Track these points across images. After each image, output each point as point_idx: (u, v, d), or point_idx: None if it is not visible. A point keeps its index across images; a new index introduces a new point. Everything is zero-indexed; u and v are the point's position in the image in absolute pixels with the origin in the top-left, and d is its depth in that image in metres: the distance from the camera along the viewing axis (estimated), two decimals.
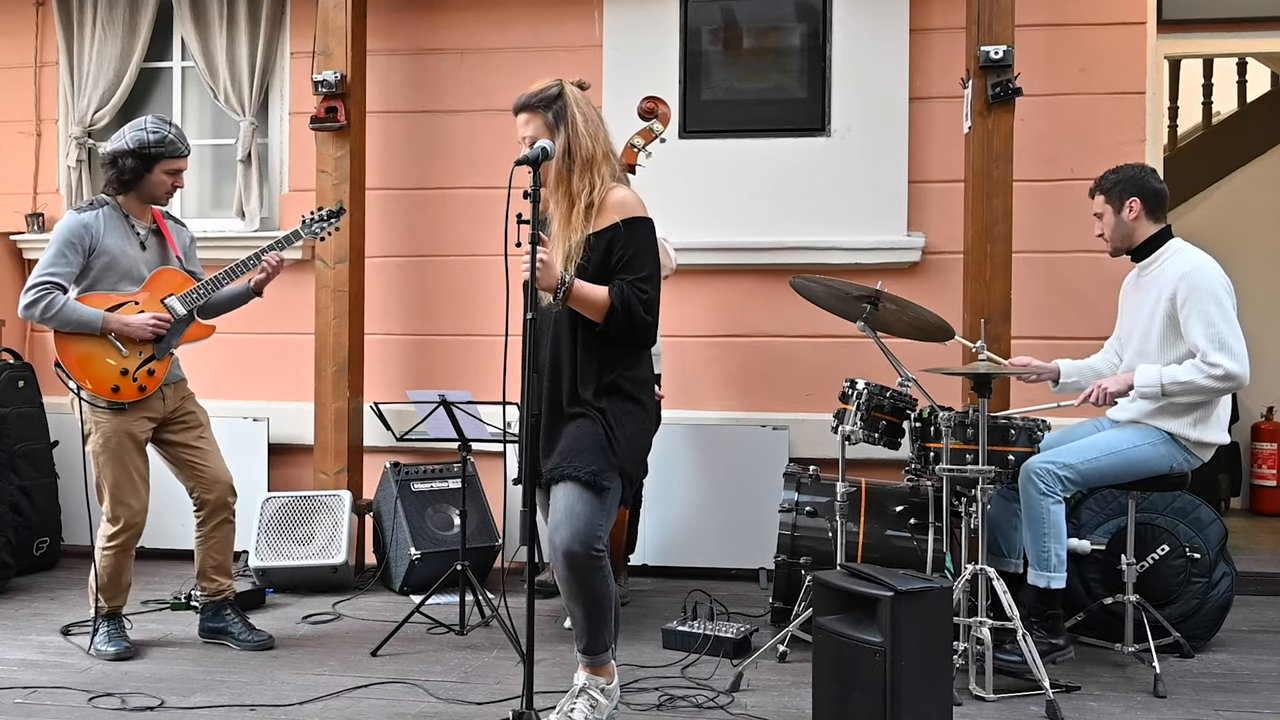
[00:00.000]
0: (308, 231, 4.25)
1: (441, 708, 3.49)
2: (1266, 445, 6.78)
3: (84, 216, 3.97)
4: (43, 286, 3.88)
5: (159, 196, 4.08)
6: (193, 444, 4.14)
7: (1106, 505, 4.29)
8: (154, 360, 4.01)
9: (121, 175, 4.00)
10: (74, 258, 3.93)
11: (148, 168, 3.99)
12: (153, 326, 3.96)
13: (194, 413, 4.18)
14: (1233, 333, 3.74)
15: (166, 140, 3.99)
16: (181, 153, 4.04)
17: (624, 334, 3.01)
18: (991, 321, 4.57)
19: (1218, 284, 3.79)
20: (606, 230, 3.03)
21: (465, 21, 5.66)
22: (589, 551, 2.92)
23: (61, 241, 3.93)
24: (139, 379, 3.97)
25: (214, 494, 4.14)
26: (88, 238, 3.95)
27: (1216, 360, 3.70)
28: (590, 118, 3.08)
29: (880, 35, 5.36)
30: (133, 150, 3.96)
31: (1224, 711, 3.50)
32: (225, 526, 4.20)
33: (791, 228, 5.39)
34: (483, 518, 5.10)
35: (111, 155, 4.00)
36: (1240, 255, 6.84)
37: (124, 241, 4.01)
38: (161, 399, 4.07)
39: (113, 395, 3.94)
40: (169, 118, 4.21)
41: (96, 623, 4.06)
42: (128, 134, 3.99)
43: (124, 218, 4.04)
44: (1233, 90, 7.45)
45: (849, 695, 3.04)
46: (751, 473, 5.20)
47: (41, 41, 6.01)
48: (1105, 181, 4.02)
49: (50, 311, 3.87)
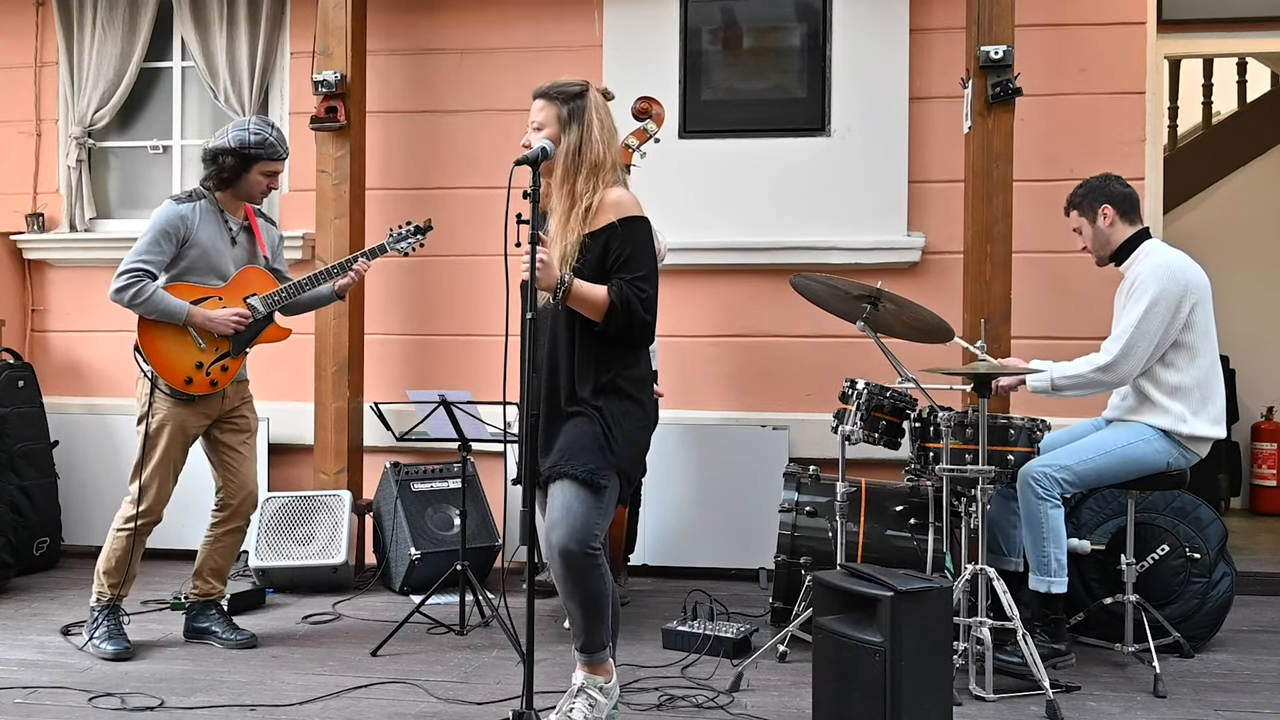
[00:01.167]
0: (393, 246, 4.31)
1: (441, 708, 3.49)
2: (1266, 445, 6.78)
3: (181, 208, 4.03)
4: (135, 273, 3.94)
5: (254, 195, 4.15)
6: (236, 448, 4.20)
7: (1106, 505, 4.30)
8: (229, 357, 4.07)
9: (220, 172, 4.06)
10: (167, 246, 3.99)
11: (246, 167, 4.05)
12: (234, 322, 4.03)
13: (247, 417, 4.24)
14: (1141, 335, 3.80)
15: (267, 143, 4.05)
16: (280, 155, 4.11)
17: (623, 333, 3.02)
18: (991, 321, 4.57)
19: (1164, 287, 3.81)
20: (603, 230, 3.04)
21: (465, 21, 5.66)
22: (585, 550, 2.92)
23: (158, 230, 3.99)
24: (212, 373, 4.04)
25: (238, 501, 4.20)
26: (183, 228, 4.00)
27: (1106, 349, 3.85)
28: (607, 126, 3.11)
29: (880, 35, 5.36)
30: (234, 149, 4.03)
31: (1224, 711, 3.50)
32: (236, 534, 4.25)
33: (791, 228, 5.39)
34: (483, 518, 5.11)
35: (213, 152, 4.07)
36: (1240, 255, 6.87)
37: (216, 236, 4.08)
38: (222, 396, 4.13)
39: (185, 386, 4.01)
40: (273, 121, 4.27)
41: (96, 615, 4.06)
42: (231, 132, 4.06)
43: (219, 212, 4.11)
44: (1233, 90, 7.44)
45: (849, 695, 3.04)
46: (751, 473, 5.20)
47: (41, 41, 6.01)
48: (1074, 197, 4.09)
49: (140, 298, 3.92)
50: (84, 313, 5.91)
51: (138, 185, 6.02)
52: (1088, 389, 3.91)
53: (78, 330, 5.94)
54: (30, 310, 5.99)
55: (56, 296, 6.01)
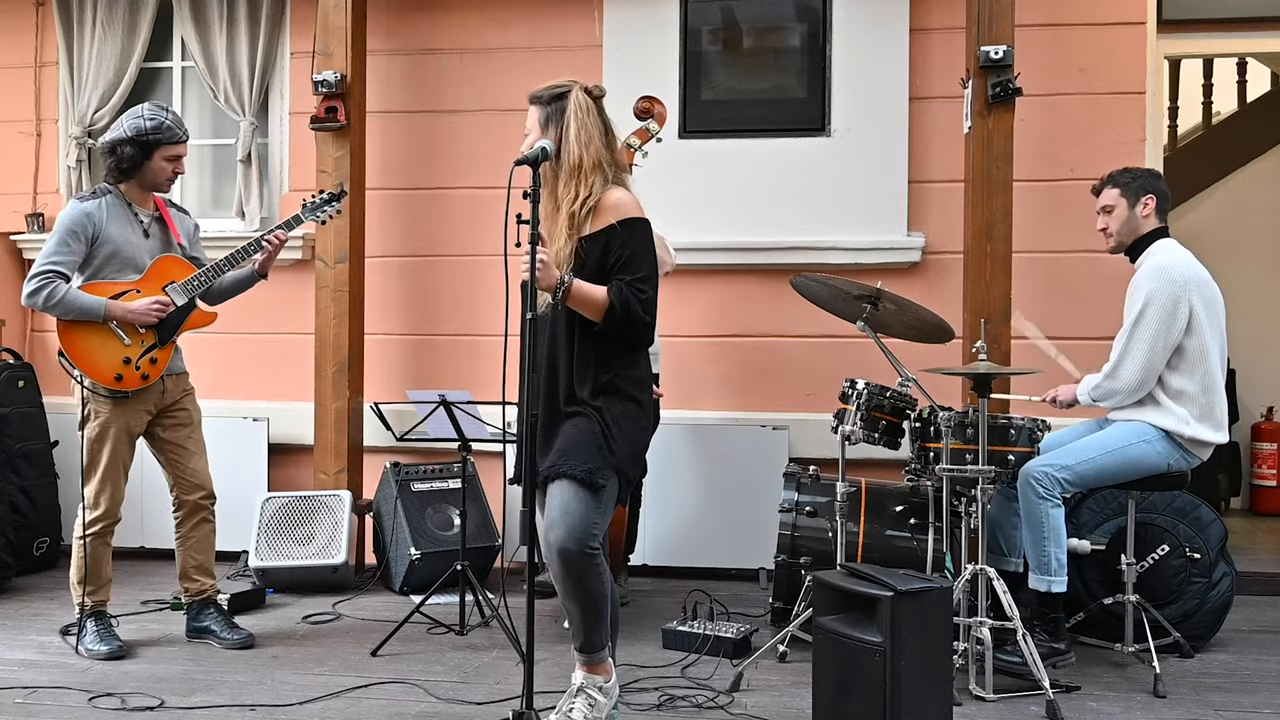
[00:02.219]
0: (309, 215, 4.23)
1: (441, 708, 3.49)
2: (1266, 445, 6.78)
3: (86, 205, 3.98)
4: (45, 275, 3.90)
5: (160, 183, 4.08)
6: (180, 443, 4.15)
7: (1106, 505, 4.29)
8: (156, 348, 4.02)
9: (120, 163, 4.00)
10: (76, 246, 3.94)
11: (147, 155, 3.99)
12: (155, 310, 3.97)
13: (188, 410, 4.18)
14: (1136, 338, 3.83)
15: (164, 126, 3.99)
16: (179, 138, 4.04)
17: (622, 334, 3.02)
18: (991, 321, 4.57)
19: (1157, 288, 3.82)
20: (603, 231, 3.03)
21: (465, 21, 5.66)
22: (584, 549, 2.92)
23: (64, 230, 3.94)
24: (141, 367, 3.98)
25: (194, 496, 4.16)
26: (90, 226, 3.96)
27: (1107, 371, 3.90)
28: (585, 125, 3.05)
29: (880, 35, 5.35)
30: (130, 138, 3.97)
31: (1224, 711, 3.50)
32: (204, 526, 4.20)
33: (791, 228, 5.39)
34: (482, 518, 5.11)
35: (110, 144, 4.02)
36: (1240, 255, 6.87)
37: (127, 229, 4.02)
38: (161, 390, 4.08)
39: (115, 384, 3.96)
40: (166, 104, 4.20)
41: (84, 622, 4.05)
42: (125, 122, 4.00)
43: (126, 206, 4.05)
44: (1233, 90, 7.44)
45: (849, 695, 3.04)
46: (751, 473, 5.20)
47: (41, 41, 6.01)
48: (1122, 177, 4.04)
49: (53, 300, 3.88)
50: None
51: None
52: (1111, 398, 3.91)
53: None
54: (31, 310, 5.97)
55: None
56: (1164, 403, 3.86)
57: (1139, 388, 3.85)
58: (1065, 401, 4.10)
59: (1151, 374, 3.83)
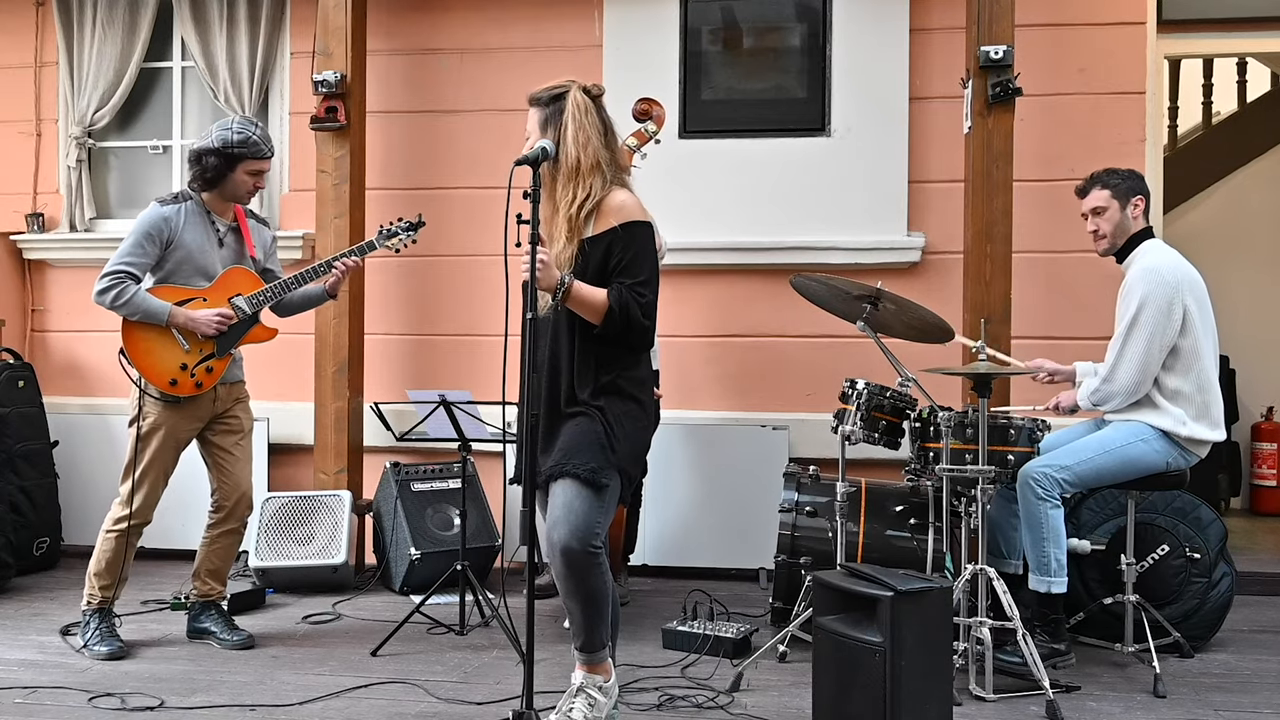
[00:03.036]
0: (382, 242, 4.27)
1: (441, 708, 3.49)
2: (1266, 445, 6.78)
3: (166, 210, 4.02)
4: (117, 275, 3.94)
5: (241, 196, 4.13)
6: (230, 449, 4.19)
7: (1106, 505, 4.29)
8: (214, 358, 4.05)
9: (204, 173, 4.05)
10: (151, 249, 3.98)
11: (230, 167, 4.03)
12: (216, 322, 4.00)
13: (240, 418, 4.22)
14: (1131, 340, 3.84)
15: (249, 141, 4.03)
16: (264, 154, 4.08)
17: (621, 336, 3.01)
18: (991, 321, 4.57)
19: (1150, 290, 3.83)
20: (605, 234, 3.03)
21: (465, 21, 5.67)
22: (586, 549, 2.92)
23: (141, 232, 3.98)
24: (196, 375, 4.02)
25: (232, 503, 4.19)
26: (167, 230, 3.99)
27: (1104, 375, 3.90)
28: (584, 126, 3.04)
29: (880, 35, 5.36)
30: (217, 149, 4.02)
31: (1224, 711, 3.50)
32: (233, 535, 4.24)
33: (791, 228, 5.39)
34: (482, 518, 5.10)
35: (197, 153, 4.06)
36: (1240, 255, 6.87)
37: (203, 237, 4.06)
38: (214, 399, 4.12)
39: (169, 388, 3.99)
40: (257, 120, 4.25)
41: (88, 619, 4.06)
42: (214, 132, 4.04)
43: (205, 213, 4.09)
44: (1233, 90, 7.44)
45: (849, 695, 3.04)
46: (751, 473, 5.20)
47: (41, 41, 6.01)
48: (1110, 178, 4.03)
49: (121, 300, 3.92)
50: (84, 313, 5.89)
51: (138, 185, 6.01)
52: (1109, 401, 3.91)
53: (78, 330, 5.94)
54: (30, 310, 5.99)
55: (56, 296, 6.00)
56: (1160, 403, 3.86)
57: (1136, 390, 3.86)
58: (1068, 407, 4.16)
59: (1148, 376, 3.84)
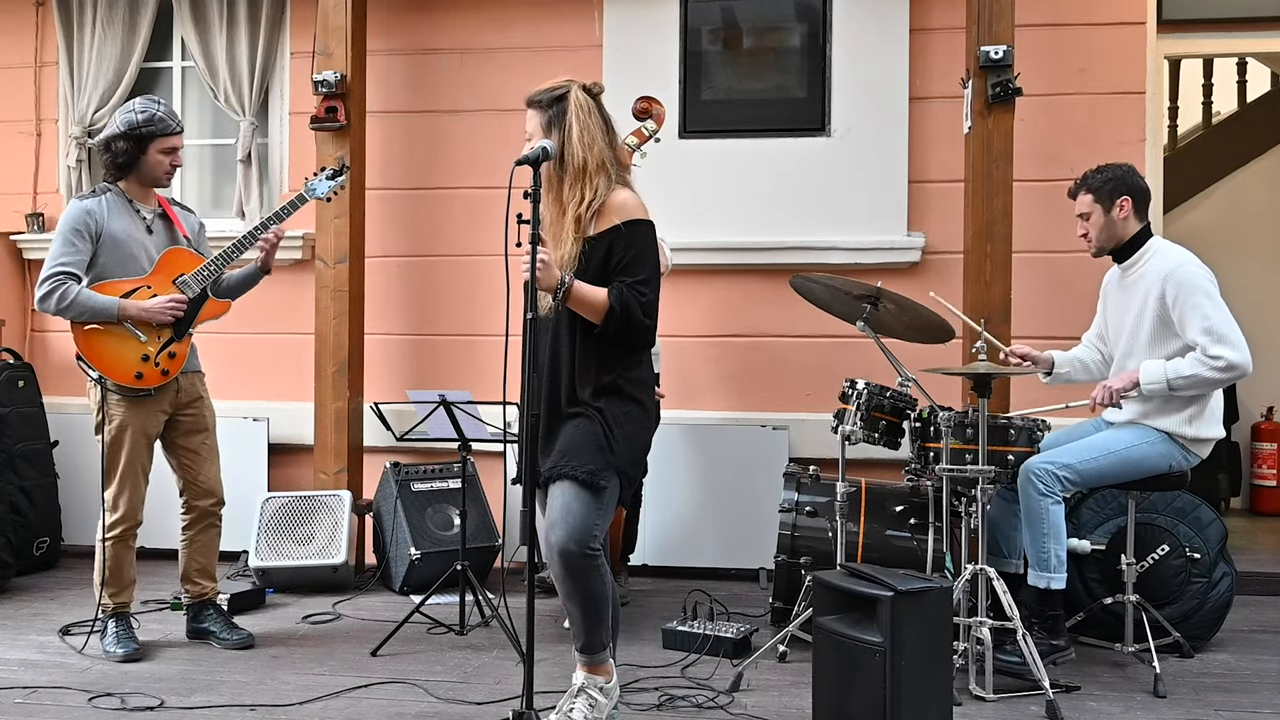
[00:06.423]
0: (311, 193, 4.18)
1: (441, 708, 3.49)
2: (1266, 445, 6.78)
3: (87, 203, 3.96)
4: (55, 278, 3.86)
5: (159, 177, 4.05)
6: (195, 449, 4.15)
7: (1106, 505, 4.29)
8: (174, 342, 4.00)
9: (116, 159, 3.98)
10: (82, 245, 3.91)
11: (142, 149, 3.96)
12: (170, 308, 3.95)
13: (203, 415, 4.17)
14: (1227, 323, 3.76)
15: (155, 118, 3.96)
16: (173, 129, 4.00)
17: (622, 336, 3.01)
18: (991, 321, 4.57)
19: (1203, 277, 3.81)
20: (607, 232, 3.03)
21: (465, 21, 5.67)
22: (584, 550, 2.92)
23: (68, 230, 3.91)
24: (161, 363, 3.97)
25: (203, 503, 4.16)
26: (92, 224, 3.93)
27: (1218, 353, 3.71)
28: (588, 126, 3.04)
29: (880, 35, 5.36)
30: (124, 133, 3.94)
31: (1224, 711, 3.50)
32: (210, 531, 4.21)
33: (791, 228, 5.39)
34: (483, 518, 5.10)
35: (105, 141, 4.00)
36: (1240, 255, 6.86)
37: (129, 226, 3.99)
38: (176, 388, 4.07)
39: (136, 382, 3.94)
40: (158, 97, 4.17)
41: (105, 623, 4.05)
42: (118, 118, 3.98)
43: (128, 202, 4.02)
44: (1233, 90, 7.44)
45: (849, 695, 3.04)
46: (751, 473, 5.20)
47: (41, 41, 6.01)
48: (1092, 181, 3.99)
49: (65, 301, 3.85)
50: None
51: None
52: (1204, 387, 3.77)
53: None
54: (30, 310, 5.98)
55: None
56: (1165, 405, 3.84)
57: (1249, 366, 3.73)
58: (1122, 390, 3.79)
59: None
